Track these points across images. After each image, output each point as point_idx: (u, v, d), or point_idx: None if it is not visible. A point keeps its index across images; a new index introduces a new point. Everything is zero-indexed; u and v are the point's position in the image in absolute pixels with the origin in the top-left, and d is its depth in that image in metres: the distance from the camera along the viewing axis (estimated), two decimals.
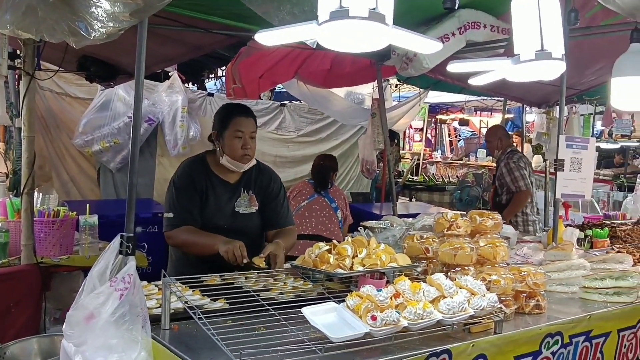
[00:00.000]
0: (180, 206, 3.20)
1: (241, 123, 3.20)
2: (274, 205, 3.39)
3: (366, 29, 1.62)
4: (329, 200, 5.31)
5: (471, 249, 2.76)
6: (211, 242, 3.01)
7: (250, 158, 3.25)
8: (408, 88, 10.67)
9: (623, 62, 3.17)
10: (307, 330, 2.09)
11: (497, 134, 6.22)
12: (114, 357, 2.07)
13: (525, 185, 5.73)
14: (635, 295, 2.91)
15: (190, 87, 8.74)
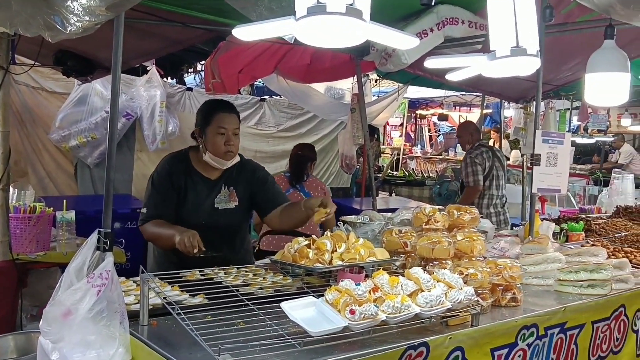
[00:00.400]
0: (154, 202, 3.19)
1: (224, 119, 3.18)
2: (265, 189, 3.38)
3: (343, 25, 1.62)
4: (305, 194, 5.19)
5: (449, 243, 2.79)
6: (170, 234, 2.95)
7: (234, 155, 3.23)
8: (388, 83, 10.71)
9: (597, 58, 3.23)
10: (286, 325, 2.10)
11: (468, 129, 6.42)
12: (91, 354, 2.06)
13: (474, 181, 5.93)
14: (608, 288, 2.97)
15: (169, 81, 8.67)
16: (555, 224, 4.22)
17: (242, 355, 1.85)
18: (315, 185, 5.36)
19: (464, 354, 2.34)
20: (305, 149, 5.56)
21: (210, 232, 3.08)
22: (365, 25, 1.65)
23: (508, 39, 2.09)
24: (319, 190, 5.28)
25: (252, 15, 2.40)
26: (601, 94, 3.27)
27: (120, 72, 2.29)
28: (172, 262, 3.14)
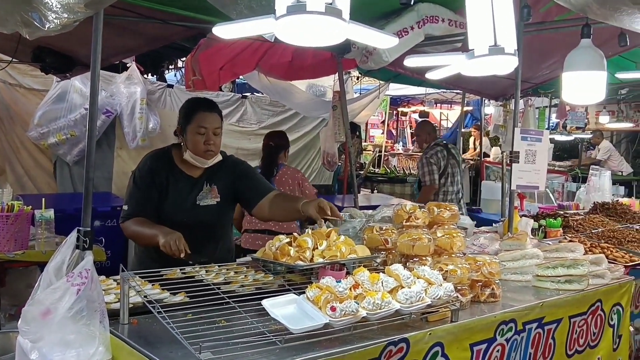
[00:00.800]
0: (135, 199, 3.17)
1: (204, 118, 3.16)
2: (248, 181, 3.36)
3: (323, 24, 1.63)
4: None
5: (429, 239, 2.82)
6: (153, 234, 2.93)
7: (214, 154, 3.21)
8: (369, 80, 10.75)
9: (574, 57, 3.27)
10: (267, 322, 2.10)
11: (426, 128, 6.69)
12: (71, 353, 2.05)
13: (430, 180, 6.17)
14: (585, 283, 3.02)
15: (149, 78, 8.61)
16: (533, 220, 4.28)
17: (223, 353, 1.86)
18: (285, 179, 5.10)
19: (444, 349, 2.37)
20: (275, 137, 5.33)
21: (192, 229, 3.07)
22: (345, 24, 1.66)
23: (486, 38, 2.12)
24: (289, 183, 5.05)
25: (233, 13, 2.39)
26: (578, 92, 3.32)
27: (99, 69, 2.28)
28: (153, 259, 3.12)
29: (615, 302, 3.23)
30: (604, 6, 2.70)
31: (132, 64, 7.46)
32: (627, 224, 4.86)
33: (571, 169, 11.92)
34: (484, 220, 6.06)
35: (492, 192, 8.22)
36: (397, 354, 2.19)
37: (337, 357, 2.02)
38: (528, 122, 7.31)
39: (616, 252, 3.73)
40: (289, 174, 5.12)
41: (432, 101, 17.58)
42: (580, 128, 12.49)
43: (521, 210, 5.78)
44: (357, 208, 5.42)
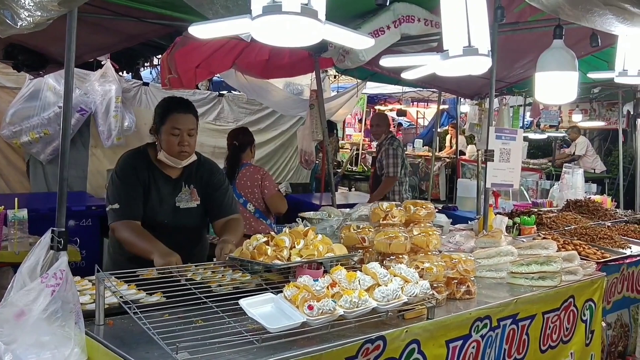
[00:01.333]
0: (126, 197, 3.12)
1: (178, 120, 3.14)
2: (217, 195, 3.36)
3: (299, 24, 1.64)
4: (236, 195, 4.86)
5: (405, 238, 2.84)
6: (149, 250, 2.91)
7: (189, 155, 3.20)
8: (347, 79, 10.77)
9: (546, 58, 3.33)
10: (244, 322, 2.11)
11: (385, 120, 6.98)
12: (46, 355, 2.03)
13: (394, 172, 6.41)
14: (558, 280, 3.07)
15: (124, 76, 8.52)
16: (508, 218, 4.34)
17: (200, 353, 1.85)
18: (245, 180, 4.97)
19: (420, 346, 2.39)
20: (240, 135, 5.20)
21: (173, 231, 3.06)
22: (321, 25, 1.67)
23: (460, 39, 2.14)
24: (249, 187, 4.95)
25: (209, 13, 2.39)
26: (551, 92, 3.37)
27: (73, 67, 2.25)
28: (128, 259, 3.10)
29: (587, 298, 3.29)
30: (575, 7, 2.75)
31: (107, 62, 7.38)
32: (599, 221, 4.95)
33: (546, 167, 12.09)
34: (460, 218, 6.12)
35: (467, 190, 8.29)
36: (374, 352, 2.21)
37: (315, 355, 2.03)
38: (503, 120, 7.40)
39: (588, 248, 3.80)
40: (248, 175, 5.00)
41: (409, 99, 17.69)
42: (554, 126, 12.68)
43: (496, 207, 5.85)
44: (334, 206, 5.44)
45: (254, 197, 4.97)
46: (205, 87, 9.75)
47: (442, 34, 2.34)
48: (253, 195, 4.96)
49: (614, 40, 3.52)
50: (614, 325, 3.94)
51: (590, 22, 2.90)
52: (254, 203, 4.97)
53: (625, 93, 8.02)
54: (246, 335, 1.97)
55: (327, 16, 1.75)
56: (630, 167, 10.26)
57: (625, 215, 5.40)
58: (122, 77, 8.20)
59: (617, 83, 4.10)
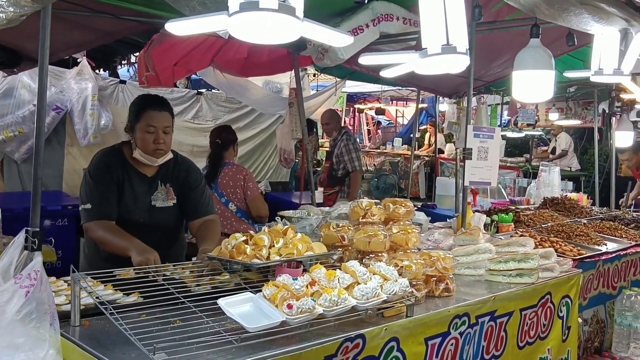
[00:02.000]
0: (99, 196, 3.08)
1: (153, 117, 3.11)
2: (193, 195, 3.33)
3: (276, 22, 1.62)
4: (218, 194, 4.87)
5: (384, 236, 2.85)
6: (125, 247, 2.89)
7: (164, 153, 3.17)
8: (326, 77, 10.77)
9: (523, 56, 3.35)
10: (223, 322, 2.09)
11: (335, 117, 6.99)
12: (20, 357, 1.99)
13: (359, 165, 6.57)
14: (535, 276, 3.10)
15: (101, 74, 8.42)
16: (486, 215, 4.37)
17: (178, 354, 1.84)
18: (227, 180, 4.91)
19: (399, 344, 2.40)
20: (223, 133, 5.15)
21: (149, 231, 3.03)
22: (299, 22, 1.66)
23: (439, 37, 2.15)
24: (230, 187, 4.89)
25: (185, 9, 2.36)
26: (528, 91, 3.40)
27: (47, 65, 2.21)
28: (104, 259, 3.07)
29: (564, 295, 3.33)
30: (552, 6, 2.78)
31: (83, 59, 7.28)
32: (575, 218, 5.02)
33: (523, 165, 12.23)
34: (439, 216, 6.14)
35: (446, 188, 8.36)
36: (353, 350, 2.21)
37: (294, 354, 2.02)
38: (481, 119, 7.45)
39: (565, 245, 3.85)
40: (231, 175, 4.95)
41: (388, 98, 17.77)
42: (531, 125, 12.82)
43: (474, 205, 5.90)
44: (314, 205, 5.44)
45: (236, 197, 4.92)
46: (183, 85, 9.68)
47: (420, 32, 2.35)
48: (235, 195, 4.92)
49: (589, 40, 3.56)
50: (590, 321, 4.00)
51: (566, 22, 2.94)
52: (235, 203, 4.92)
53: (601, 92, 8.12)
54: (225, 335, 1.96)
55: (305, 15, 1.75)
56: (605, 165, 10.41)
57: (600, 213, 5.49)
58: (99, 74, 8.11)
59: (592, 82, 4.15)
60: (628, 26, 3.26)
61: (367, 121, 21.20)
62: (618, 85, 6.41)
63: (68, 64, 7.35)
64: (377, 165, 14.86)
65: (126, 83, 7.90)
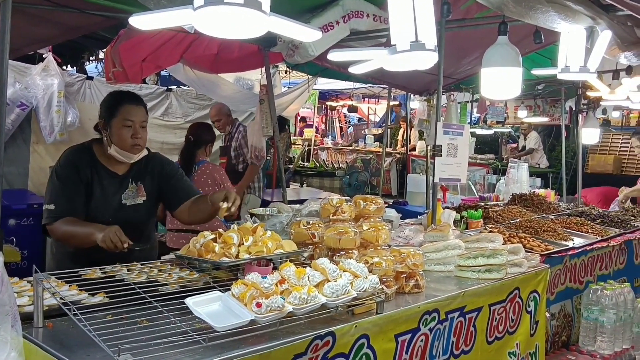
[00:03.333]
0: (63, 197, 3.00)
1: (131, 111, 3.05)
2: (174, 182, 3.29)
3: (242, 16, 1.60)
4: None
5: (355, 233, 2.84)
6: (89, 232, 2.84)
7: (141, 148, 3.12)
8: (298, 74, 10.74)
9: (491, 54, 3.38)
10: (191, 321, 2.06)
11: (223, 111, 6.90)
12: None
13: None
14: (504, 272, 3.13)
15: (68, 70, 8.25)
16: (456, 212, 4.41)
17: (144, 355, 1.80)
18: (204, 178, 4.87)
19: (370, 341, 2.40)
20: (196, 131, 5.11)
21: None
22: (265, 16, 1.64)
23: (408, 34, 2.15)
24: (209, 185, 4.84)
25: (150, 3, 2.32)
26: (496, 88, 3.43)
27: (7, 59, 2.15)
28: (73, 260, 3.00)
29: (532, 290, 3.37)
30: (519, 4, 2.81)
31: (49, 55, 7.11)
32: (543, 214, 5.10)
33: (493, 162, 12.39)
34: (410, 213, 6.19)
35: (417, 185, 8.42)
36: (323, 348, 2.20)
37: (264, 353, 2.00)
38: (450, 116, 7.52)
39: (533, 241, 3.90)
40: (208, 173, 4.90)
41: (360, 95, 17.84)
42: (500, 122, 12.99)
43: (444, 202, 5.95)
44: (285, 202, 5.41)
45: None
46: (153, 82, 9.54)
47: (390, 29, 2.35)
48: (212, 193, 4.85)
49: (557, 38, 3.61)
50: (557, 316, 4.06)
51: (533, 19, 2.97)
52: None
53: (568, 90, 8.26)
54: (192, 335, 1.93)
55: (275, 10, 1.72)
56: (572, 161, 10.61)
57: (567, 209, 5.58)
58: (66, 71, 7.94)
59: (559, 80, 4.22)
60: (594, 24, 3.31)
61: (339, 118, 21.25)
62: (584, 82, 6.52)
63: (33, 60, 7.18)
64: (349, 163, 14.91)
65: (94, 79, 7.75)
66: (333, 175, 12.55)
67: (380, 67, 3.48)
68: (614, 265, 4.64)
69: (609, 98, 5.55)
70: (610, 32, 3.37)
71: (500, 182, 7.22)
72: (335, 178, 12.32)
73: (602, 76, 6.23)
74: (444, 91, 7.88)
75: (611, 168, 11.70)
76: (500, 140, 13.27)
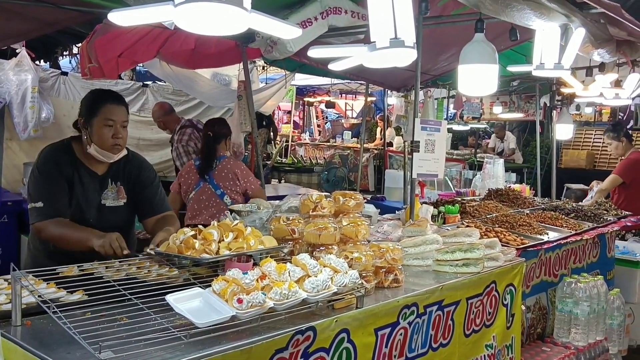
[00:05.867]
0: (50, 194, 2.97)
1: (112, 111, 3.02)
2: (147, 193, 3.27)
3: (223, 12, 1.60)
4: (214, 186, 4.82)
5: (335, 228, 2.85)
6: (85, 237, 2.83)
7: (122, 148, 3.09)
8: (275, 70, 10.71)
9: (468, 51, 3.42)
10: (172, 318, 2.06)
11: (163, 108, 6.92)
12: None
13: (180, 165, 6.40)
14: (481, 266, 3.18)
15: (42, 65, 8.13)
16: (433, 207, 4.45)
17: (125, 352, 1.79)
18: (225, 173, 4.85)
19: (350, 335, 2.42)
20: (215, 125, 5.10)
21: (98, 230, 2.95)
22: (246, 13, 1.64)
23: (387, 31, 2.17)
24: (229, 178, 4.84)
25: None
26: (472, 84, 3.48)
27: None
28: (50, 257, 2.97)
29: (508, 283, 3.42)
30: (495, 2, 2.85)
31: (22, 50, 6.99)
32: (519, 208, 5.17)
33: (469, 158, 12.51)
34: (388, 208, 6.23)
35: (395, 180, 8.47)
36: (304, 342, 2.22)
37: (245, 349, 2.01)
38: (428, 112, 7.58)
39: (509, 235, 3.96)
40: (229, 167, 4.91)
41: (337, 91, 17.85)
42: (476, 118, 13.12)
43: (422, 197, 6.00)
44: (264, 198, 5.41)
45: (234, 189, 4.86)
46: (128, 77, 9.45)
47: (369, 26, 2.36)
48: (234, 187, 4.86)
49: (532, 35, 3.67)
50: (532, 308, 4.13)
51: (509, 17, 3.02)
52: (231, 196, 4.86)
53: (542, 86, 8.38)
54: (173, 332, 1.93)
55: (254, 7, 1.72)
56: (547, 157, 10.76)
57: (542, 203, 5.66)
58: (40, 66, 7.82)
59: (534, 76, 4.27)
60: (568, 22, 3.38)
61: (316, 114, 21.25)
62: (558, 79, 6.63)
63: (6, 55, 7.06)
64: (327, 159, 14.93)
65: (68, 75, 7.64)
66: (311, 171, 12.56)
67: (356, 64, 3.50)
68: (588, 258, 4.73)
69: (582, 94, 5.64)
70: (584, 30, 3.44)
71: (476, 177, 7.30)
72: (314, 174, 12.33)
73: (575, 73, 6.33)
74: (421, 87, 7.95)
75: (584, 163, 11.90)
76: (477, 136, 13.41)
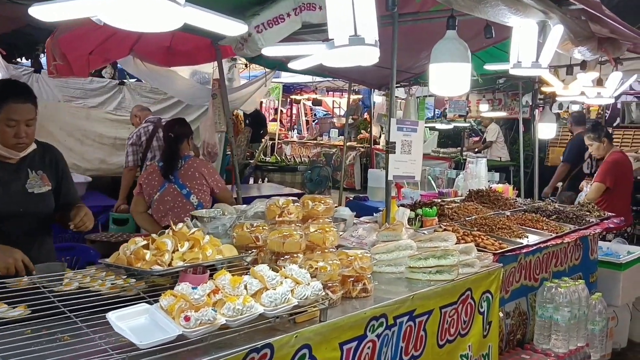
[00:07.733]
0: None
1: (15, 110, 2.86)
2: (67, 183, 3.24)
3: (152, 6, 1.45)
4: (179, 186, 4.66)
5: (300, 236, 2.72)
6: None
7: (27, 145, 2.98)
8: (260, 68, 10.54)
9: (439, 49, 3.28)
10: (115, 337, 1.91)
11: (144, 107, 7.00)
12: None
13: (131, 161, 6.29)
14: (455, 273, 3.05)
15: (22, 62, 7.95)
16: (410, 209, 4.31)
17: None
18: (192, 172, 4.72)
19: (312, 350, 2.28)
20: (176, 126, 4.96)
21: (28, 219, 2.90)
22: (179, 8, 1.49)
23: (346, 28, 2.02)
24: (195, 177, 4.71)
25: None
26: (444, 84, 3.34)
27: None
28: None
29: (484, 290, 3.30)
30: None
31: None
32: (499, 210, 5.05)
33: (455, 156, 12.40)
34: (371, 208, 6.11)
35: (378, 179, 8.31)
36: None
37: None
38: (409, 111, 7.45)
39: (487, 239, 3.83)
40: (195, 167, 4.77)
41: (324, 89, 17.74)
42: (462, 116, 13.01)
43: (399, 199, 5.87)
44: (239, 200, 5.27)
45: (200, 189, 4.72)
46: (109, 75, 9.25)
47: None
48: (200, 187, 4.72)
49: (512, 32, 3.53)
50: (512, 314, 4.01)
51: (483, 13, 2.89)
52: (198, 195, 4.72)
53: (525, 84, 8.28)
54: (112, 354, 1.78)
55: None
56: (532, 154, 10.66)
57: (524, 204, 5.55)
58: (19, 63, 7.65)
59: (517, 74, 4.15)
60: (546, 18, 3.25)
61: (305, 112, 21.11)
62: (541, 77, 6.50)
63: None
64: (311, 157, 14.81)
65: (41, 72, 7.45)
66: (295, 170, 12.41)
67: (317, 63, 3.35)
68: (570, 261, 4.63)
69: (563, 93, 5.51)
70: (562, 27, 3.31)
71: (459, 177, 7.18)
72: (297, 173, 12.18)
73: (557, 71, 6.22)
74: (403, 85, 7.82)
75: None
76: (463, 134, 13.30)
